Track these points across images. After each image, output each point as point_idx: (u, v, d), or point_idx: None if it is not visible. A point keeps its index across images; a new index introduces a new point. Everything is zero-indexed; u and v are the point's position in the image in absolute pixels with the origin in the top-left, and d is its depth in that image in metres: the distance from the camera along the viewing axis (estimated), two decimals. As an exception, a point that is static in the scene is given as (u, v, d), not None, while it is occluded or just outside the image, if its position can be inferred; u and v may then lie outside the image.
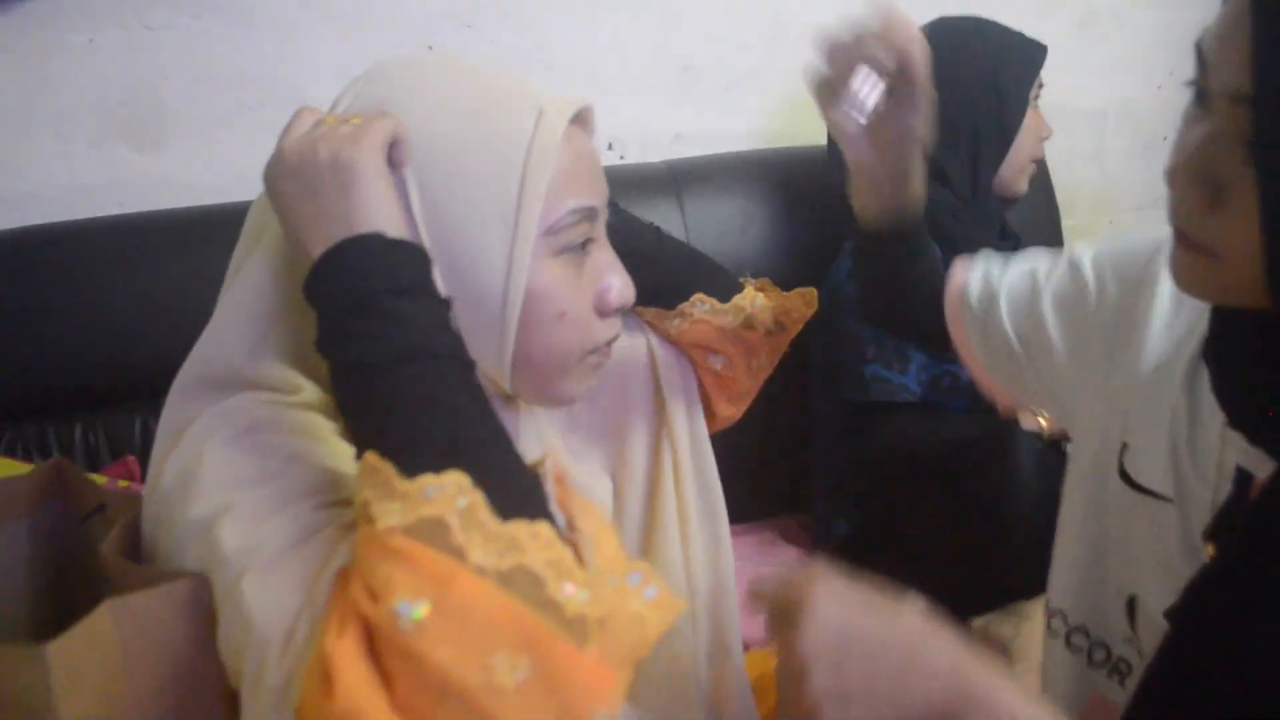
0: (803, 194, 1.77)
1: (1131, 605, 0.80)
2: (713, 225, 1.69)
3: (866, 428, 1.51)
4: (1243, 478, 0.70)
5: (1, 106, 1.52)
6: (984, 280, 0.96)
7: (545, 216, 0.70)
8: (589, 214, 0.73)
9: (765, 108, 1.92)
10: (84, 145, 1.57)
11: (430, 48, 1.68)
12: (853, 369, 1.51)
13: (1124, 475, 0.80)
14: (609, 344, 0.78)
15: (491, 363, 0.73)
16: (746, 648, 1.03)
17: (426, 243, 0.68)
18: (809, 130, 1.75)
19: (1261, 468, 0.67)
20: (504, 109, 0.70)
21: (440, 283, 0.69)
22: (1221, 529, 0.69)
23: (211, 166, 1.62)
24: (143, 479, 1.33)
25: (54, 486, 0.79)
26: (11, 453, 1.41)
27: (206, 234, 1.47)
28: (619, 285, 0.76)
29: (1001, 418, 1.26)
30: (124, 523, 0.71)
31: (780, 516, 1.77)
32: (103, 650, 0.59)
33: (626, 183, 1.68)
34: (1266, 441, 0.64)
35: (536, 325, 0.72)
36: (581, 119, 0.76)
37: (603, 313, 0.76)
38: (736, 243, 1.05)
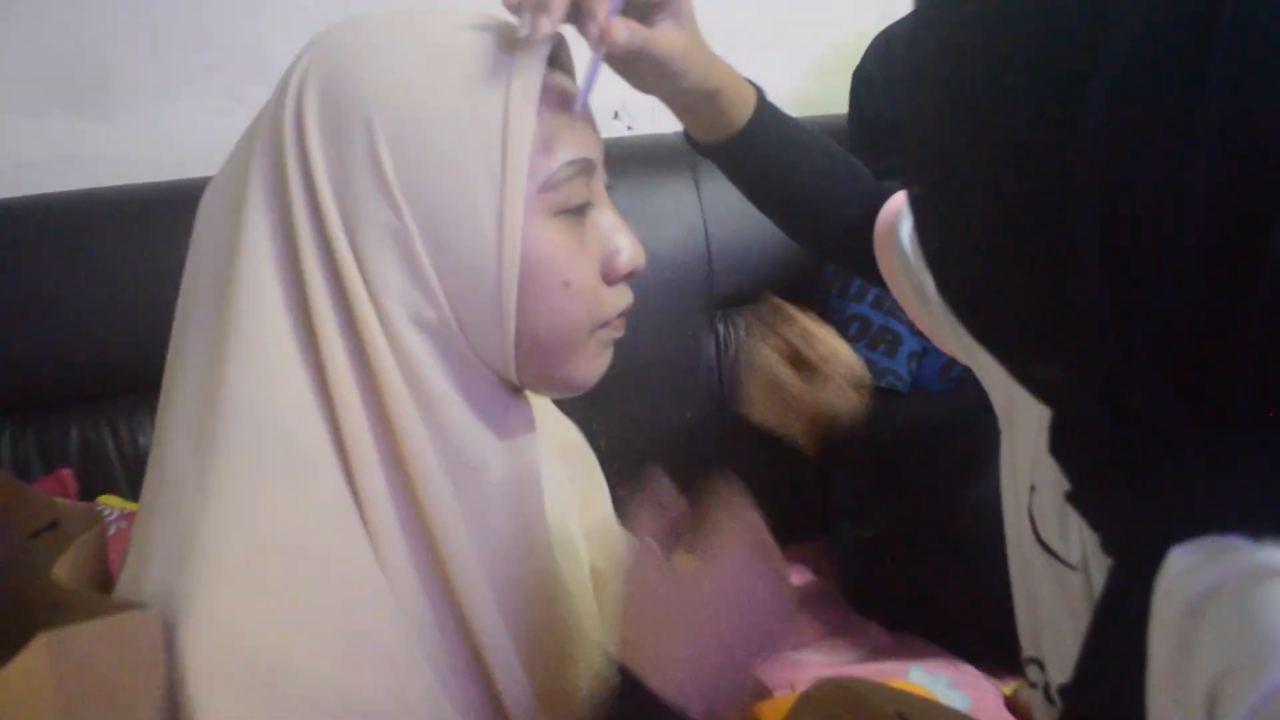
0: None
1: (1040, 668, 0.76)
2: (733, 203, 1.63)
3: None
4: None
5: (-73, 69, 1.50)
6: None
7: (538, 170, 0.69)
8: (585, 166, 0.72)
9: (793, 69, 1.87)
10: (19, 114, 1.52)
11: None
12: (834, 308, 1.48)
13: (1031, 520, 0.75)
14: (621, 316, 0.77)
15: (492, 346, 0.71)
16: (770, 694, 1.00)
17: (407, 215, 0.67)
18: (840, 96, 1.72)
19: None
20: (474, 51, 0.69)
21: (427, 260, 0.68)
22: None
23: (166, 138, 1.57)
24: (80, 495, 1.31)
25: (-8, 504, 0.77)
26: (-73, 466, 1.33)
27: (160, 215, 1.42)
28: (628, 248, 0.75)
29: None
30: (82, 543, 0.69)
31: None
32: (39, 688, 0.57)
33: (635, 155, 1.65)
34: (1101, 527, 0.58)
35: (539, 297, 0.70)
36: (561, 61, 0.74)
37: (611, 281, 0.75)
38: (758, 223, 1.03)
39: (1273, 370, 0.42)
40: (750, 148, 0.91)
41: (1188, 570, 0.46)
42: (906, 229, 0.92)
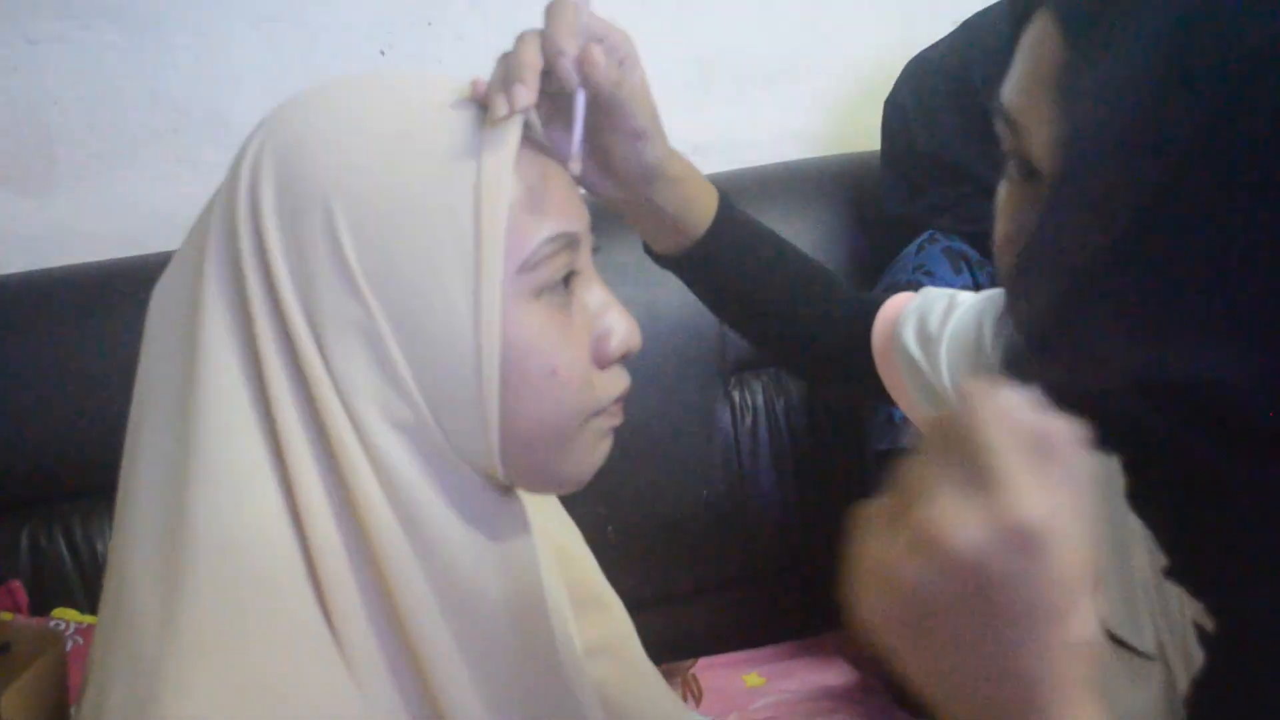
0: (850, 212, 1.73)
1: None
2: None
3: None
4: (1206, 637, 0.63)
5: None
6: (920, 320, 0.95)
7: (515, 249, 0.68)
8: (569, 241, 0.71)
9: (807, 105, 1.89)
10: (-49, 190, 1.49)
11: (383, 53, 1.64)
12: (879, 413, 1.47)
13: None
14: (618, 402, 0.75)
15: (475, 444, 0.70)
16: None
17: (375, 308, 0.67)
18: (861, 133, 1.73)
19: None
20: (441, 124, 0.69)
21: (400, 355, 0.68)
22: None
23: (114, 211, 1.58)
24: (31, 608, 1.31)
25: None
26: None
27: (110, 297, 1.43)
28: (622, 328, 0.74)
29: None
30: (37, 669, 0.68)
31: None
32: None
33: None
34: (1208, 596, 0.58)
35: (523, 388, 0.70)
36: (532, 131, 0.74)
37: (603, 364, 0.74)
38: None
39: None
40: (715, 255, 0.91)
41: None
42: (910, 331, 0.93)
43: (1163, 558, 0.60)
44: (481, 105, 0.69)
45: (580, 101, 0.70)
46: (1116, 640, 0.73)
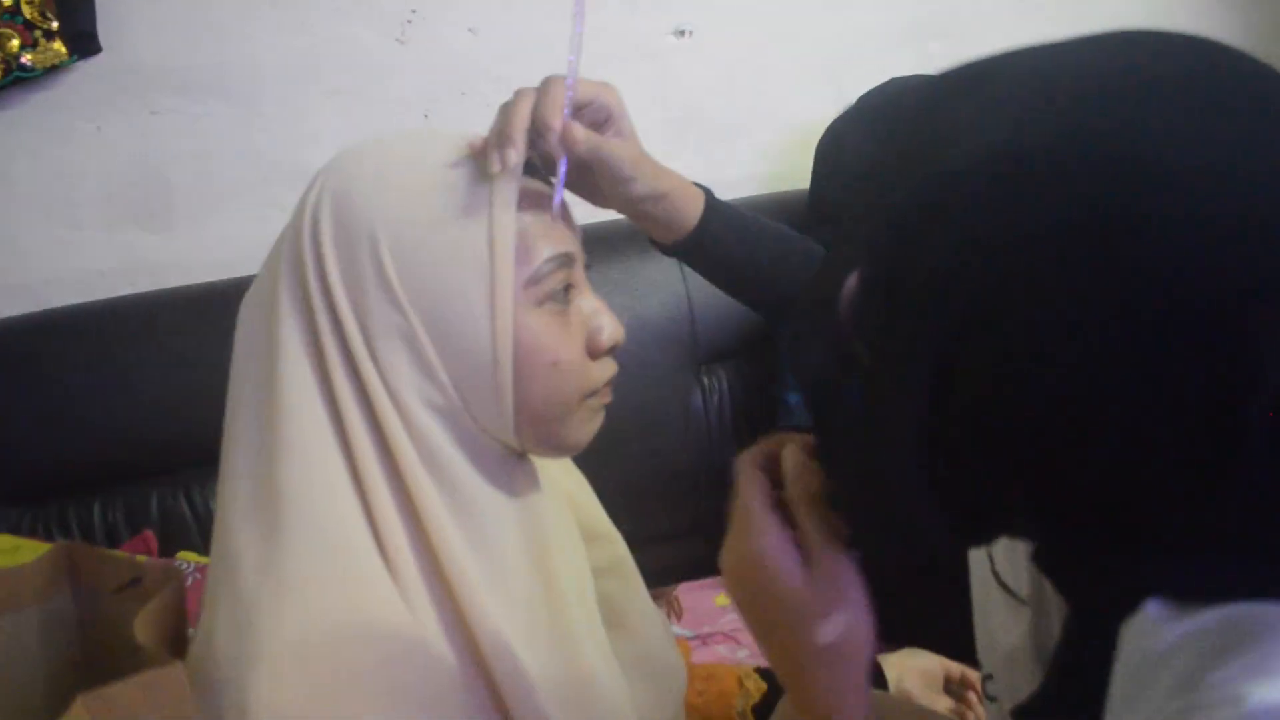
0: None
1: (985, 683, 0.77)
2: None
3: None
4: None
5: (17, 195, 1.55)
6: None
7: (522, 269, 0.71)
8: (565, 260, 0.74)
9: (757, 151, 1.90)
10: (96, 229, 1.59)
11: (426, 117, 1.69)
12: (780, 397, 1.48)
13: (990, 557, 0.75)
14: (608, 384, 0.78)
15: (495, 421, 0.73)
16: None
17: (413, 317, 0.69)
18: (798, 172, 1.76)
19: None
20: (460, 171, 0.71)
21: (434, 354, 0.70)
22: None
23: (221, 243, 1.63)
24: (161, 552, 1.33)
25: (65, 570, 0.77)
26: (33, 533, 1.41)
27: (217, 308, 1.45)
28: (609, 326, 0.76)
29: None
30: (161, 597, 0.70)
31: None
32: None
33: (624, 235, 1.68)
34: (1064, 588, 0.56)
35: (532, 377, 0.72)
36: (534, 168, 0.76)
37: (595, 355, 0.76)
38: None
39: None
40: (704, 243, 0.92)
41: (1162, 619, 0.48)
42: None
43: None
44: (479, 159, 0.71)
45: (562, 167, 0.73)
46: (1004, 586, 0.73)
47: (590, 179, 0.81)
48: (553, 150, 0.73)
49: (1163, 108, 0.43)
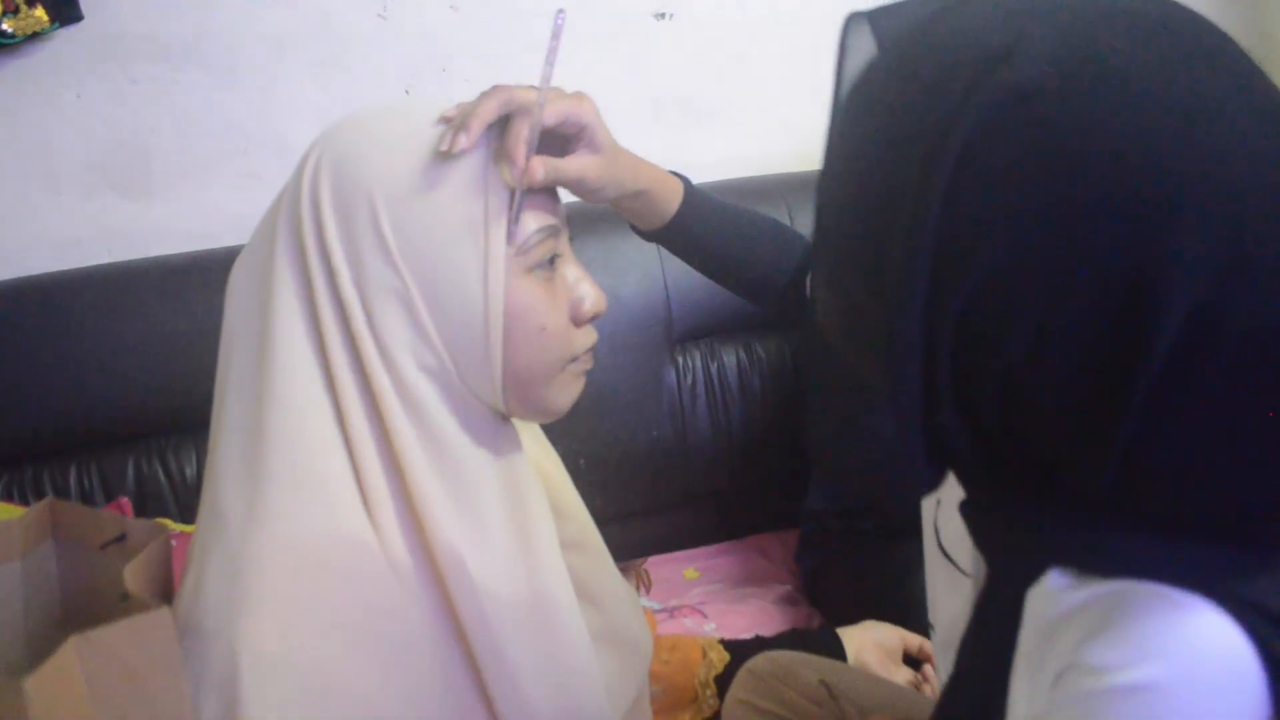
0: (803, 224, 1.74)
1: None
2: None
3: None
4: None
5: (-4, 162, 1.54)
6: None
7: (512, 238, 0.73)
8: (552, 231, 0.76)
9: (737, 135, 1.90)
10: (75, 197, 1.59)
11: (407, 92, 1.69)
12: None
13: (936, 530, 0.78)
14: (589, 351, 0.81)
15: (483, 383, 0.75)
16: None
17: (408, 278, 0.71)
18: (775, 156, 1.77)
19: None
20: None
21: (427, 316, 0.72)
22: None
23: (199, 213, 1.63)
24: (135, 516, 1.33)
25: (48, 527, 0.78)
26: (9, 497, 1.41)
27: (195, 279, 1.48)
28: (592, 295, 0.79)
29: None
30: (150, 550, 0.71)
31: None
32: (71, 683, 0.59)
33: (603, 216, 1.69)
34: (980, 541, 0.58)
35: (519, 340, 0.74)
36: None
37: (579, 323, 0.79)
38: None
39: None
40: (681, 231, 0.97)
41: (1060, 588, 0.50)
42: None
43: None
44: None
45: (519, 197, 0.73)
46: (948, 557, 0.76)
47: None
48: (511, 180, 0.73)
49: (1130, 34, 0.46)
